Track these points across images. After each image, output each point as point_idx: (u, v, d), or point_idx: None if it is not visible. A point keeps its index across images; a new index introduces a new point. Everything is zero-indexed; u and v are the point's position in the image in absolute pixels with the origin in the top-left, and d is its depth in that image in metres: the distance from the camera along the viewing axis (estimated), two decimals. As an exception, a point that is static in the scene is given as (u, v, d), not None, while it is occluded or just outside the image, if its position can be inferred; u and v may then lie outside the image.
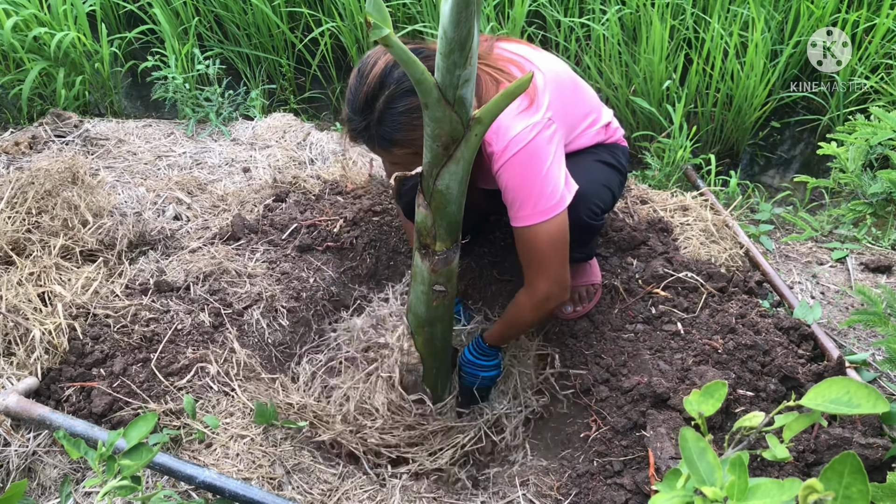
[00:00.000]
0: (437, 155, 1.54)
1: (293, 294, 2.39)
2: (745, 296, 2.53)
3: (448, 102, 1.42)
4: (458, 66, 1.37)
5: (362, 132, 1.79)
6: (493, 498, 1.98)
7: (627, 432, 2.07)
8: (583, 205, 2.02)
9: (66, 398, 1.99)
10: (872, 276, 2.75)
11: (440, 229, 1.67)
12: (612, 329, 2.34)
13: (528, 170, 1.82)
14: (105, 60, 3.70)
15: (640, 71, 3.57)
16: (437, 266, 1.76)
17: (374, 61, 1.74)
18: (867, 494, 0.68)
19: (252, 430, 1.97)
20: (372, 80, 1.72)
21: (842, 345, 2.42)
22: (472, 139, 1.51)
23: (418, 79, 1.39)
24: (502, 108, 1.46)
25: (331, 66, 4.13)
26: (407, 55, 1.34)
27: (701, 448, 0.75)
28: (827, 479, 0.70)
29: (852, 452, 0.71)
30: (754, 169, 3.85)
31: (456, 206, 1.64)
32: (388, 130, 1.75)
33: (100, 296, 2.29)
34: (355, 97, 1.76)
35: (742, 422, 0.82)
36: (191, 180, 3.00)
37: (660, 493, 0.77)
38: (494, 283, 2.57)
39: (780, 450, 0.80)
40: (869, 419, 2.04)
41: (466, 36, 1.33)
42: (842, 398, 0.79)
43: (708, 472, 0.75)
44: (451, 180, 1.57)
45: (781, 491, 0.70)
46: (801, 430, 0.82)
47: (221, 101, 3.54)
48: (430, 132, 1.50)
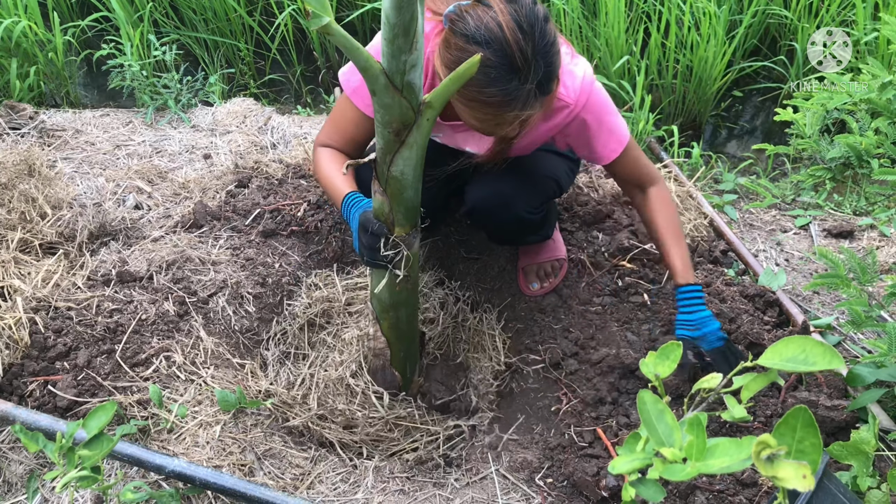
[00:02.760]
0: (389, 141, 1.52)
1: (259, 280, 2.36)
2: (711, 265, 2.55)
3: (396, 88, 1.40)
4: (403, 51, 1.35)
5: (534, 90, 1.62)
6: (467, 475, 1.98)
7: (597, 404, 2.08)
8: (521, 201, 2.10)
9: (30, 393, 1.96)
10: (835, 242, 2.79)
11: (398, 215, 1.66)
12: (579, 303, 2.35)
13: (604, 105, 1.96)
14: (59, 50, 3.62)
15: (600, 45, 3.57)
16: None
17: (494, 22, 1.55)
18: (820, 448, 0.69)
19: (221, 418, 1.95)
20: (512, 36, 1.54)
21: (807, 310, 2.46)
22: (424, 124, 1.49)
23: (363, 66, 1.36)
24: (452, 92, 1.44)
25: (291, 49, 4.08)
26: (349, 42, 1.32)
27: (659, 410, 0.75)
28: (780, 434, 0.71)
29: (804, 407, 0.71)
30: (717, 139, 3.87)
31: (413, 190, 1.63)
32: (551, 69, 1.62)
33: (61, 288, 2.25)
34: (514, 62, 1.56)
35: (701, 384, 0.82)
36: (151, 169, 2.95)
37: (620, 456, 0.77)
38: (462, 261, 2.57)
39: (737, 410, 0.81)
40: (834, 382, 2.07)
41: (410, 20, 1.31)
42: (798, 356, 0.79)
43: (667, 434, 0.75)
44: (406, 166, 1.56)
45: (739, 449, 0.70)
46: (760, 389, 0.82)
47: (180, 87, 3.49)
48: (380, 119, 1.48)
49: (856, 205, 2.99)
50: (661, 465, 0.72)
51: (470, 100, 1.63)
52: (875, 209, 2.66)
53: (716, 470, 0.70)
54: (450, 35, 1.59)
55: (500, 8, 1.55)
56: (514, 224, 2.14)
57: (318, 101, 4.04)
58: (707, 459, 0.71)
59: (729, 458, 0.70)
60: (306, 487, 1.88)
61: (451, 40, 1.58)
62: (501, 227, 2.20)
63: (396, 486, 1.91)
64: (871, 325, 1.94)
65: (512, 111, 1.62)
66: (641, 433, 0.77)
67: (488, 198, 2.10)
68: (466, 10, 1.58)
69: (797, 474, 0.62)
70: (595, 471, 1.85)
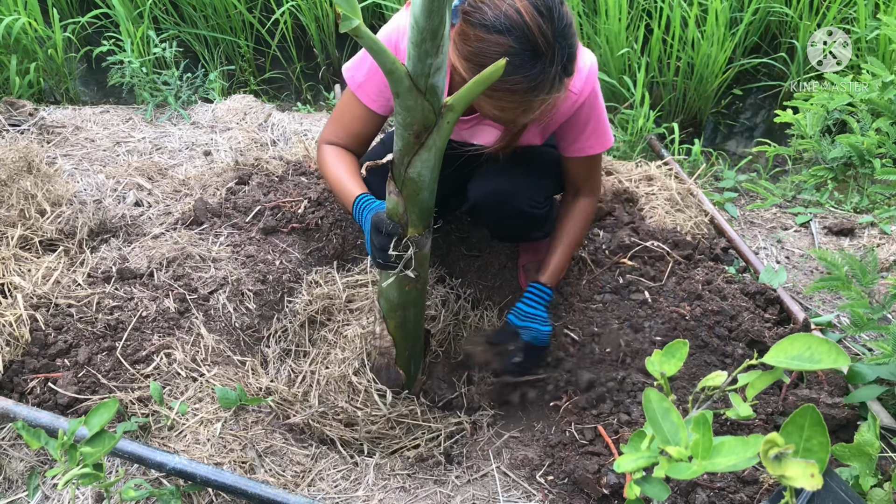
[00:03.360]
0: (408, 143, 1.52)
1: (259, 277, 2.36)
2: (711, 262, 2.55)
3: (420, 91, 1.41)
4: (429, 54, 1.36)
5: (557, 73, 1.61)
6: (468, 472, 1.98)
7: (598, 402, 2.08)
8: (524, 196, 2.12)
9: (31, 390, 1.95)
10: (836, 240, 2.79)
11: (412, 216, 1.66)
12: (580, 300, 2.35)
13: (599, 101, 1.98)
14: (58, 46, 3.62)
15: (601, 42, 3.57)
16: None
17: (513, 9, 1.54)
18: (827, 446, 0.69)
19: (222, 415, 1.95)
20: (533, 22, 1.54)
21: (807, 308, 2.46)
22: (445, 126, 1.49)
23: (389, 68, 1.37)
24: (476, 95, 1.45)
25: (291, 46, 4.07)
26: (377, 45, 1.33)
27: (665, 408, 0.75)
28: (788, 432, 0.70)
29: (812, 406, 0.71)
30: (717, 137, 3.87)
31: (428, 192, 1.63)
32: (573, 50, 1.62)
33: (61, 285, 2.25)
34: (538, 46, 1.56)
35: (705, 381, 0.82)
36: (151, 166, 2.95)
37: (625, 454, 0.77)
38: (463, 258, 2.57)
39: (743, 408, 0.80)
40: (835, 379, 2.07)
41: (438, 25, 1.31)
42: (803, 354, 0.79)
43: (672, 432, 0.75)
44: (423, 168, 1.56)
45: (745, 447, 0.70)
46: (764, 387, 0.82)
47: (180, 84, 3.48)
48: (401, 121, 1.49)
49: (857, 203, 2.99)
50: (666, 464, 0.72)
51: (494, 90, 1.61)
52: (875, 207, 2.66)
53: (722, 468, 0.70)
54: (466, 27, 1.58)
55: (517, 3, 1.54)
56: (517, 220, 2.14)
57: (319, 97, 4.03)
58: (713, 458, 0.71)
59: (735, 457, 0.70)
60: (307, 485, 1.87)
61: (469, 32, 1.57)
62: (504, 223, 2.20)
63: (397, 484, 1.91)
64: (872, 328, 1.94)
65: (538, 96, 1.62)
66: (647, 431, 0.77)
67: (490, 194, 2.09)
68: (482, 0, 1.57)
69: (805, 473, 0.62)
70: (596, 468, 1.85)
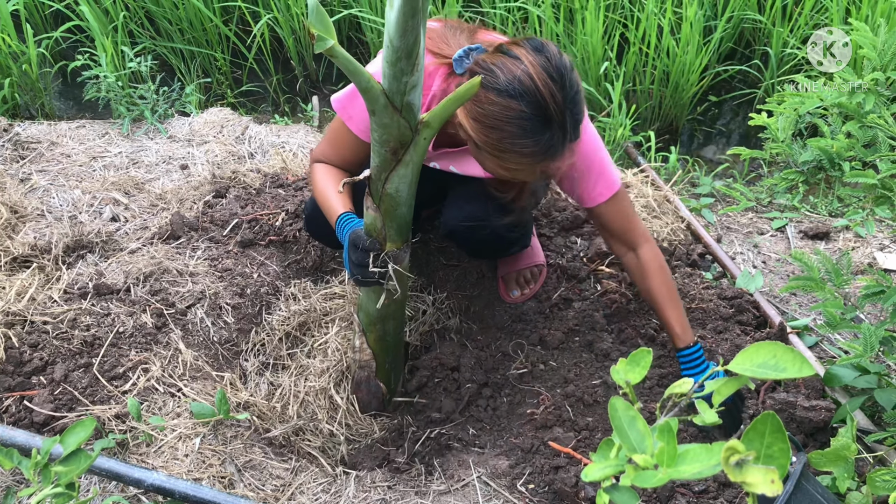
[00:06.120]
0: (385, 160, 1.54)
1: (237, 290, 2.35)
2: (688, 268, 2.57)
3: (395, 108, 1.43)
4: (405, 73, 1.38)
5: (569, 137, 1.64)
6: (449, 482, 1.98)
7: (576, 409, 2.08)
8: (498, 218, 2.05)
9: (6, 409, 1.94)
10: (811, 243, 2.81)
11: (390, 230, 1.67)
12: (558, 309, 2.36)
13: (596, 141, 1.92)
14: (32, 61, 3.59)
15: (577, 52, 3.59)
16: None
17: (525, 74, 1.55)
18: (788, 452, 0.70)
19: (200, 430, 1.94)
20: (545, 88, 1.55)
21: (784, 311, 2.48)
22: (421, 143, 1.51)
23: (364, 87, 1.39)
24: (451, 112, 1.47)
25: (268, 58, 4.07)
26: (353, 65, 1.35)
27: (631, 417, 0.76)
28: (749, 439, 0.71)
29: (772, 413, 0.72)
30: (694, 144, 3.90)
31: (406, 207, 1.65)
32: (580, 116, 1.65)
33: (36, 302, 2.23)
34: (548, 113, 1.57)
35: (672, 389, 0.83)
36: (128, 180, 2.94)
37: (593, 463, 0.77)
38: (442, 268, 2.57)
39: (709, 415, 0.81)
40: (812, 382, 2.09)
41: (413, 44, 1.34)
42: (768, 362, 0.80)
43: (638, 441, 0.75)
44: (401, 183, 1.58)
45: (710, 455, 0.71)
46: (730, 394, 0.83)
47: (156, 98, 3.47)
48: (377, 137, 1.50)
49: (830, 207, 3.02)
50: (633, 472, 0.73)
51: (502, 151, 1.62)
52: (849, 210, 2.69)
53: (687, 476, 0.70)
54: (479, 90, 1.58)
55: (529, 60, 1.55)
56: (494, 242, 2.13)
57: (296, 109, 4.03)
58: (678, 465, 0.72)
59: (700, 464, 0.70)
60: (287, 499, 1.87)
61: (482, 94, 1.57)
62: (480, 248, 2.20)
63: (378, 496, 1.90)
64: (846, 327, 1.96)
65: (545, 161, 1.63)
66: (614, 440, 0.78)
67: (466, 219, 2.08)
68: (493, 62, 1.58)
69: (766, 479, 0.63)
70: (574, 481, 1.85)
